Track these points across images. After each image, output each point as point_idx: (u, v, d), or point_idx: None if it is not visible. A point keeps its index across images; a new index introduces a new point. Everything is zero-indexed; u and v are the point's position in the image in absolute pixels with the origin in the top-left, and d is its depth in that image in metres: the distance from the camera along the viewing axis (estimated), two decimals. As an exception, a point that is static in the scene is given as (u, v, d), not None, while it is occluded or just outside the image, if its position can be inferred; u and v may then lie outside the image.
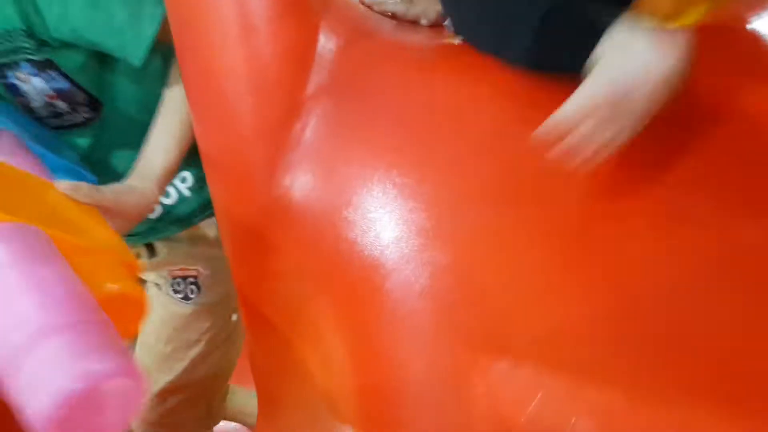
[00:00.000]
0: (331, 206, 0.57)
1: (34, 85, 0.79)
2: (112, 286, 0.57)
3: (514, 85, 0.55)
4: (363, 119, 0.58)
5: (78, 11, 0.72)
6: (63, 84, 0.79)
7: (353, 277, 0.56)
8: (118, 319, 0.55)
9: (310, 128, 0.58)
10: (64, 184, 0.66)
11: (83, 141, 0.83)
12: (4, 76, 0.79)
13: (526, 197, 0.56)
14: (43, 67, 0.78)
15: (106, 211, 0.67)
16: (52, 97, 0.79)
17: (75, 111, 0.81)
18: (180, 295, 0.92)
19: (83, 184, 0.67)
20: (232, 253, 0.65)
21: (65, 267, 0.55)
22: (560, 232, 0.55)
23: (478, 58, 0.56)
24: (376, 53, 0.59)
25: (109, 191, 0.69)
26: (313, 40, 0.59)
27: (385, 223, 0.55)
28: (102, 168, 0.79)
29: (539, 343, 0.53)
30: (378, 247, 0.55)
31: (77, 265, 0.56)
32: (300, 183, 0.58)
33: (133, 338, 0.63)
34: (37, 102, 0.80)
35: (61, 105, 0.80)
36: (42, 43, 0.75)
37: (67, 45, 0.75)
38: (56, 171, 0.71)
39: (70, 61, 0.77)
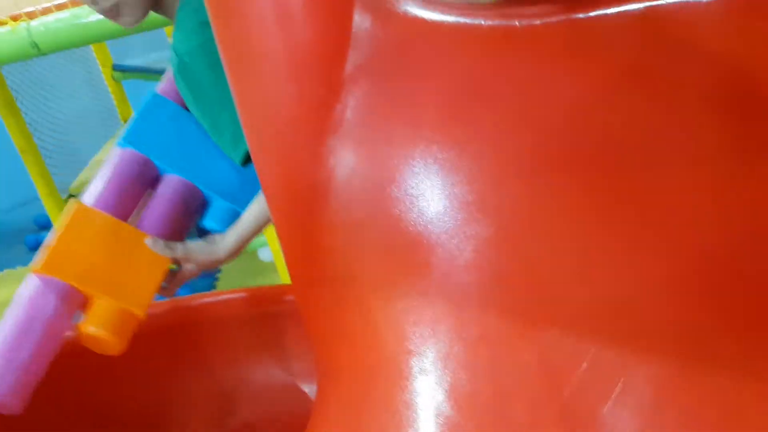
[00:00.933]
0: (375, 185, 0.58)
1: None
2: (92, 329, 0.91)
3: (550, 55, 0.55)
4: (402, 96, 0.59)
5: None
6: None
7: (399, 253, 0.57)
8: (95, 345, 0.93)
9: (350, 108, 0.59)
10: (147, 240, 0.95)
11: None
12: None
13: (569, 165, 0.56)
14: None
15: (180, 260, 0.99)
16: None
17: None
18: None
19: (160, 241, 0.96)
20: (282, 233, 0.67)
21: (37, 319, 0.89)
22: (606, 198, 0.55)
23: (512, 29, 0.56)
24: (412, 29, 0.59)
25: (181, 246, 0.98)
26: (348, 20, 0.59)
27: (428, 198, 0.56)
28: None
29: (588, 309, 0.53)
30: (422, 223, 0.56)
31: (95, 303, 0.93)
32: (343, 163, 0.59)
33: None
34: None
35: None
36: None
37: None
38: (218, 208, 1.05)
39: None
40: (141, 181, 1.03)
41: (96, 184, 1.00)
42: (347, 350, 0.63)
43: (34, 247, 2.91)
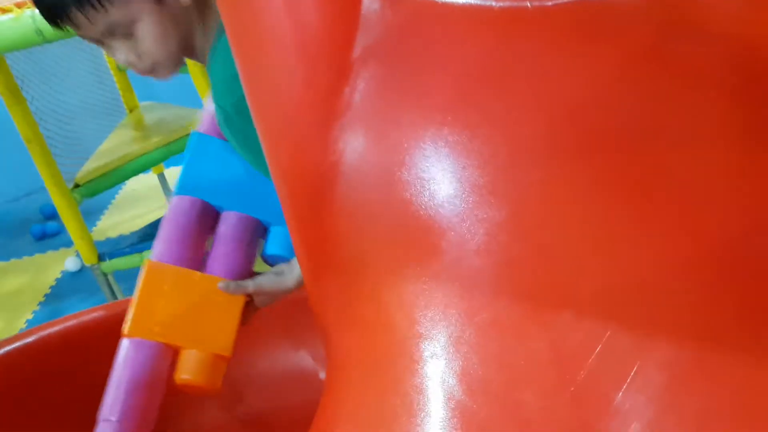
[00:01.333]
0: (384, 168, 0.57)
1: None
2: (186, 377, 0.98)
3: (562, 38, 0.54)
4: (411, 79, 0.58)
5: None
6: None
7: (409, 237, 0.56)
8: (191, 389, 1.00)
9: (359, 91, 0.58)
10: (220, 284, 1.00)
11: None
12: None
13: (582, 149, 0.55)
14: None
15: (252, 295, 1.02)
16: None
17: None
18: None
19: (232, 283, 1.00)
20: (292, 218, 0.67)
21: (138, 379, 0.97)
22: (620, 182, 0.54)
23: (524, 11, 0.55)
24: (422, 11, 0.59)
25: (252, 283, 1.01)
26: (358, 2, 0.59)
27: (438, 181, 0.56)
28: None
29: (601, 295, 0.53)
30: (432, 206, 0.56)
31: (184, 351, 0.99)
32: (353, 147, 0.58)
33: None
34: None
35: None
36: None
37: None
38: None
39: None
40: (202, 225, 1.06)
41: (160, 239, 1.04)
42: (358, 335, 0.63)
43: (40, 236, 2.92)
